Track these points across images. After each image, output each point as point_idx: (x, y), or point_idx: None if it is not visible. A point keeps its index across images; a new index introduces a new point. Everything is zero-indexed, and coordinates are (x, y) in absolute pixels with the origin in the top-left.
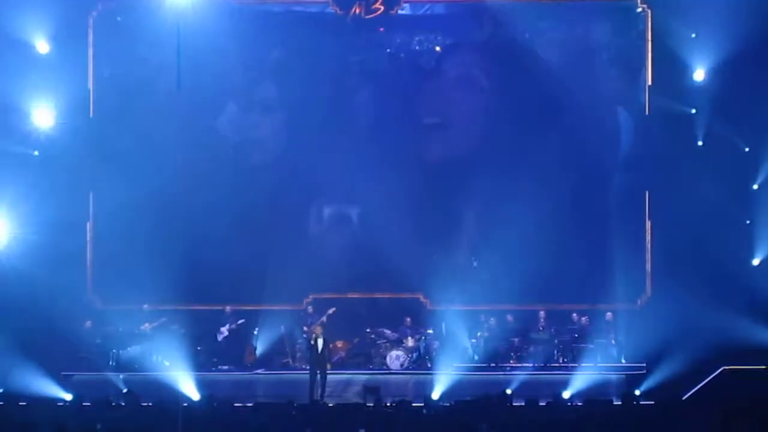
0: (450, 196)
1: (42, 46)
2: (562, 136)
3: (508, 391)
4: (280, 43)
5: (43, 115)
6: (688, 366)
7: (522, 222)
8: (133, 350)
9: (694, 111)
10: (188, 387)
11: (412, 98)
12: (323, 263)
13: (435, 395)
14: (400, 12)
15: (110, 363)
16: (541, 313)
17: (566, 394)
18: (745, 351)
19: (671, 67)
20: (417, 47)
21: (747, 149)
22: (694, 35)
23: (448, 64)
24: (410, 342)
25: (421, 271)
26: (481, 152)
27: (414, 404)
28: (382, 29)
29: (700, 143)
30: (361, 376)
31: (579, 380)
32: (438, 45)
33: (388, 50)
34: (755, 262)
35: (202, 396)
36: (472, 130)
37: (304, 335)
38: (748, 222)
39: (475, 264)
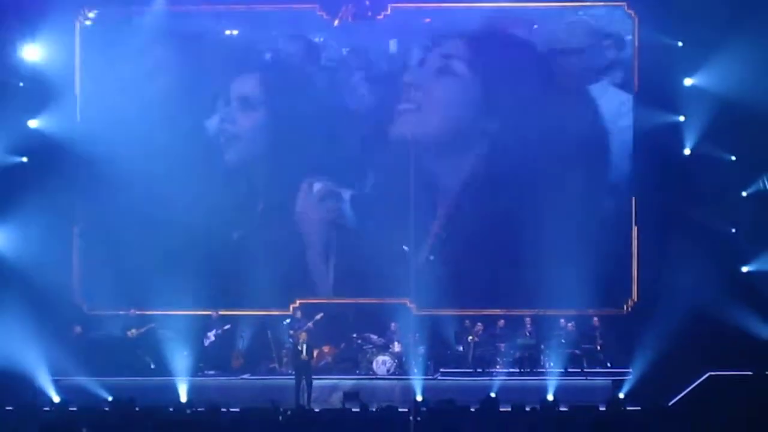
0: (437, 199)
1: (29, 51)
2: (548, 141)
3: (493, 395)
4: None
5: (31, 120)
6: (674, 372)
7: (508, 228)
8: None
9: (682, 118)
10: (174, 392)
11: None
12: (310, 268)
13: (421, 400)
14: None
15: (97, 368)
16: (527, 319)
17: (552, 400)
18: (731, 357)
19: (658, 73)
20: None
21: (733, 158)
22: (680, 44)
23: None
24: (397, 347)
25: (407, 275)
26: (470, 158)
27: (400, 409)
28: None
29: (687, 151)
30: (347, 382)
31: (565, 386)
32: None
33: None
34: (744, 269)
35: (188, 401)
36: (460, 136)
37: (291, 340)
38: (733, 230)
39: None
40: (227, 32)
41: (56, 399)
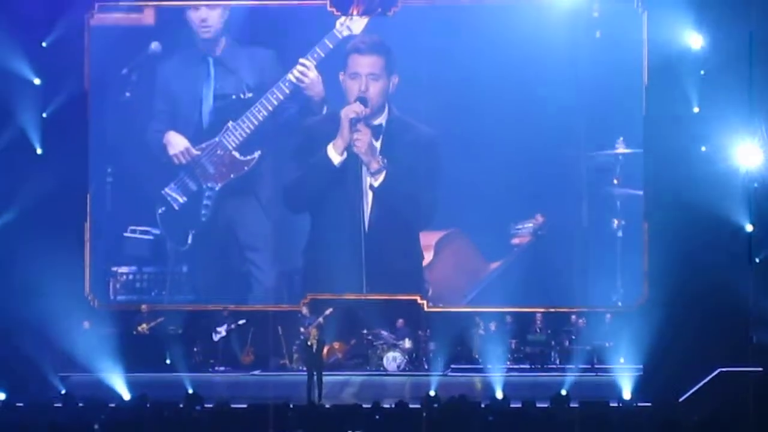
0: (444, 193)
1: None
2: (557, 136)
3: (499, 393)
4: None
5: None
6: (685, 368)
7: (518, 223)
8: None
9: (696, 110)
10: (184, 388)
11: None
12: (321, 263)
13: (432, 397)
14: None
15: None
16: (538, 315)
17: (563, 396)
18: (741, 353)
19: (669, 67)
20: None
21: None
22: (702, 43)
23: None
24: (407, 343)
25: (418, 271)
26: (480, 151)
27: (411, 406)
28: None
29: (703, 149)
30: (357, 378)
31: (576, 382)
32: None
33: None
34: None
35: (198, 397)
36: (470, 128)
37: (301, 336)
38: (750, 229)
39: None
40: None
41: (66, 395)
